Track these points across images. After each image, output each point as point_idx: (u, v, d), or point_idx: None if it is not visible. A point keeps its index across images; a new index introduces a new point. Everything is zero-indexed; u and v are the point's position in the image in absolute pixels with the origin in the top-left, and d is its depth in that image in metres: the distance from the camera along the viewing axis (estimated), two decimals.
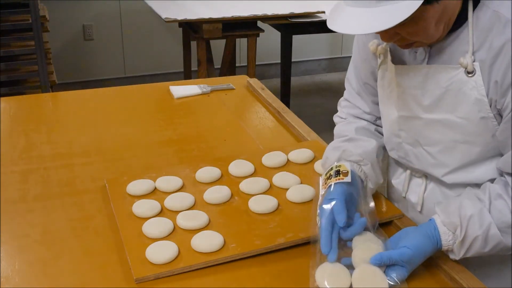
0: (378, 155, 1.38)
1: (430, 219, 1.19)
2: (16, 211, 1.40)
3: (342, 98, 1.53)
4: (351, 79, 1.47)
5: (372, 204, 1.28)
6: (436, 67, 1.20)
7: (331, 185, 1.23)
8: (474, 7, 1.14)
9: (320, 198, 1.24)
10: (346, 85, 1.50)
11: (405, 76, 1.25)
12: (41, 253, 1.25)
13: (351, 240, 1.18)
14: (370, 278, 1.10)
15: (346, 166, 1.26)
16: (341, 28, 1.09)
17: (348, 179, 1.23)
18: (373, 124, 1.47)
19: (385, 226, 1.34)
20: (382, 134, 1.44)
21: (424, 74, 1.21)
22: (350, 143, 1.38)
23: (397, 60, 1.28)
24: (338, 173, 1.24)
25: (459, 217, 1.14)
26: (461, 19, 1.15)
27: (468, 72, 1.15)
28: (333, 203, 1.18)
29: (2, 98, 2.07)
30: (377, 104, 1.43)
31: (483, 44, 1.13)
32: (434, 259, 1.20)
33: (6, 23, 3.29)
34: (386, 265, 1.12)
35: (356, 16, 1.06)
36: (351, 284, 1.10)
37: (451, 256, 1.19)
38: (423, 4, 1.03)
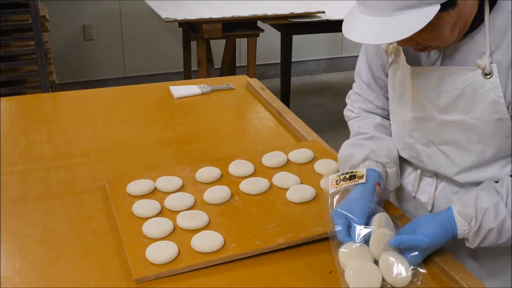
0: (398, 154, 1.41)
1: (448, 207, 1.21)
2: (16, 211, 1.40)
3: (351, 92, 1.52)
4: (362, 73, 1.46)
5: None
6: (451, 69, 1.19)
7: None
8: (491, 8, 1.13)
9: (330, 198, 1.27)
10: (356, 79, 1.49)
11: (420, 77, 1.24)
12: (41, 253, 1.25)
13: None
14: (394, 265, 1.12)
15: (362, 171, 1.28)
16: (358, 37, 1.09)
17: (363, 180, 1.25)
18: (386, 118, 1.46)
19: None
20: None
21: (440, 75, 1.21)
22: (373, 142, 1.38)
23: (411, 60, 1.27)
24: (353, 177, 1.27)
25: (475, 209, 1.17)
26: (476, 21, 1.14)
27: (486, 74, 1.14)
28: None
29: (2, 98, 2.07)
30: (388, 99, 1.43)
31: (500, 46, 1.13)
32: (434, 259, 1.20)
33: (6, 23, 3.29)
34: (401, 249, 1.16)
35: (371, 25, 1.06)
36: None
37: (466, 244, 1.21)
38: (438, 11, 1.03)
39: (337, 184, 1.27)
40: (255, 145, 1.76)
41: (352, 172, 1.28)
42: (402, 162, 1.45)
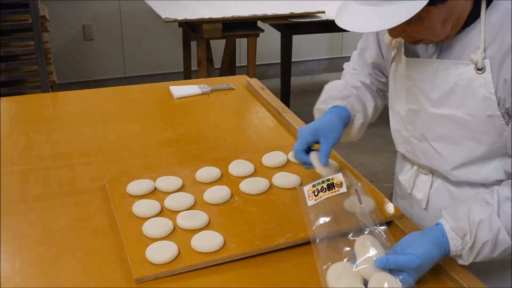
0: (372, 115, 1.48)
1: (437, 224, 1.17)
2: (16, 211, 1.40)
3: (356, 51, 1.57)
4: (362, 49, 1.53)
5: (373, 203, 1.29)
6: (446, 62, 1.20)
7: None
8: (488, 4, 1.14)
9: (309, 211, 1.22)
10: (358, 54, 1.55)
11: (416, 69, 1.26)
12: (41, 253, 1.25)
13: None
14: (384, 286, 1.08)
15: (338, 178, 1.23)
16: (347, 25, 1.11)
17: (343, 189, 1.21)
18: (376, 83, 1.53)
19: None
20: (383, 94, 1.54)
21: (435, 68, 1.22)
22: (357, 91, 1.47)
23: (410, 52, 1.29)
24: (332, 186, 1.22)
25: (469, 223, 1.12)
26: (473, 16, 1.16)
27: (478, 69, 1.15)
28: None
29: (2, 98, 2.07)
30: (376, 80, 1.51)
31: (494, 41, 1.14)
32: None
33: (6, 23, 3.29)
34: (389, 269, 1.10)
35: (362, 14, 1.09)
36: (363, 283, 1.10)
37: (460, 262, 1.16)
38: (427, 5, 1.04)
39: (315, 195, 1.22)
40: (255, 145, 1.76)
41: (328, 180, 1.23)
42: (401, 158, 1.46)
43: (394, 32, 1.16)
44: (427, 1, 1.04)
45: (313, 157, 1.32)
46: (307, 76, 5.57)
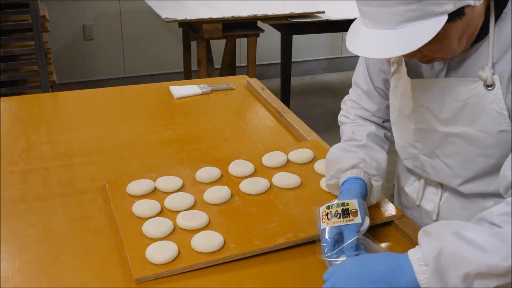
0: (386, 168, 1.37)
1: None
2: (16, 211, 1.40)
3: (347, 98, 1.50)
4: (360, 81, 1.44)
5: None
6: (453, 80, 1.17)
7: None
8: (496, 18, 1.11)
9: (321, 233, 1.20)
10: (354, 87, 1.47)
11: (421, 90, 1.22)
12: (41, 253, 1.25)
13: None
14: None
15: (354, 204, 1.20)
16: (363, 51, 1.06)
17: (358, 219, 1.18)
18: (382, 127, 1.45)
19: (385, 226, 1.34)
20: (389, 139, 1.43)
21: (441, 87, 1.19)
22: (364, 150, 1.34)
23: (413, 71, 1.25)
24: (346, 212, 1.19)
25: None
26: (482, 32, 1.12)
27: (488, 86, 1.12)
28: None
29: (2, 98, 2.07)
30: (386, 106, 1.41)
31: (504, 56, 1.10)
32: None
33: (6, 23, 3.29)
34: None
35: (377, 39, 1.03)
36: None
37: None
38: (446, 22, 1.00)
39: (328, 219, 1.20)
40: (255, 145, 1.76)
41: (343, 204, 1.20)
42: (406, 170, 1.43)
43: (409, 54, 1.09)
44: (446, 19, 1.00)
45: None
46: (307, 76, 5.57)
